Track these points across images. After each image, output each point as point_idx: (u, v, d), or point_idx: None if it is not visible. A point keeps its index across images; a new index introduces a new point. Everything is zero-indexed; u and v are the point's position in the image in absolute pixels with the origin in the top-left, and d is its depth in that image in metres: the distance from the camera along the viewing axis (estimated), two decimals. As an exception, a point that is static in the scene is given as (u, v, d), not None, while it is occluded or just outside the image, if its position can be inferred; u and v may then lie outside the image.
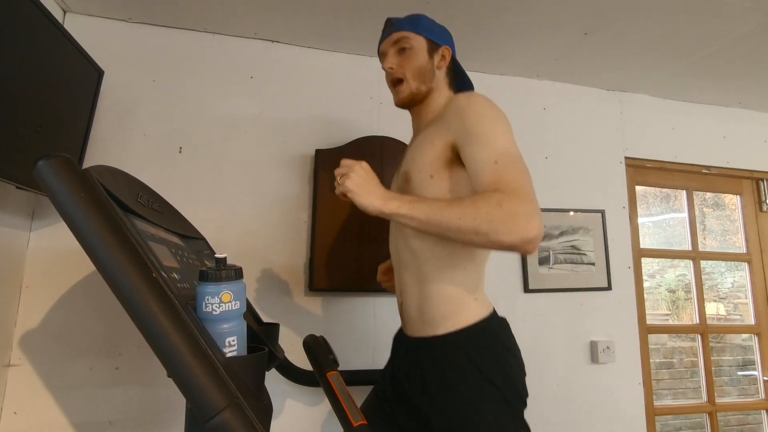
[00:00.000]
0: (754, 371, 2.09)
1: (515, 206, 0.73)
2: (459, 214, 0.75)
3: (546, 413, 1.64)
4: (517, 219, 0.72)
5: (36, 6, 1.05)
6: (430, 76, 1.01)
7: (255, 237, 1.50)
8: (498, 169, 0.79)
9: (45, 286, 1.32)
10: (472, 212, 0.74)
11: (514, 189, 0.75)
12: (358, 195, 0.82)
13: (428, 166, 0.91)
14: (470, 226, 0.74)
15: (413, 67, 0.99)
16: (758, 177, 2.15)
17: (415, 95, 1.00)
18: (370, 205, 0.81)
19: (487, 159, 0.80)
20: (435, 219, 0.78)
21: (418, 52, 1.00)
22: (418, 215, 0.79)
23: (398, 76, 1.00)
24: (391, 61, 1.01)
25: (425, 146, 0.93)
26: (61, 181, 0.56)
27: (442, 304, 0.91)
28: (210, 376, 0.53)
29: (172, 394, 1.33)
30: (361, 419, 0.83)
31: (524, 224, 0.72)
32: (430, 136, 0.94)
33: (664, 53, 1.68)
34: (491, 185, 0.77)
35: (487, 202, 0.74)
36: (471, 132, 0.84)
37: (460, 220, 0.75)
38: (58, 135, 1.20)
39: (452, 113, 0.90)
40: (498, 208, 0.73)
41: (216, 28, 1.56)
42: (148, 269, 0.57)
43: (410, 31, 1.01)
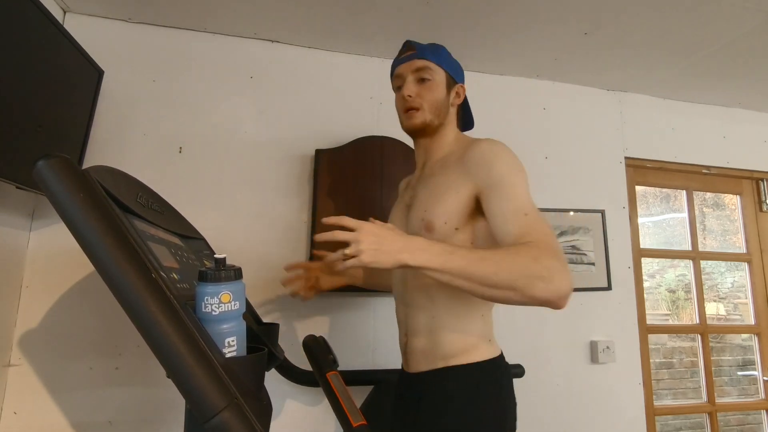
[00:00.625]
0: (754, 371, 2.09)
1: (551, 262, 0.72)
2: (495, 268, 0.72)
3: (546, 413, 1.64)
4: (554, 274, 0.71)
5: (36, 6, 1.05)
6: (445, 112, 1.00)
7: (255, 237, 1.50)
8: (529, 222, 0.78)
9: (45, 286, 1.32)
10: (510, 266, 0.72)
11: (548, 244, 0.74)
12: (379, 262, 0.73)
13: (454, 218, 0.89)
14: (507, 281, 0.72)
15: (432, 99, 0.98)
16: (758, 177, 2.15)
17: (427, 126, 0.99)
18: (395, 262, 0.73)
19: (515, 211, 0.80)
20: (469, 272, 0.73)
21: (438, 85, 0.99)
22: (452, 268, 0.73)
23: (416, 106, 0.98)
24: (411, 89, 0.98)
25: (448, 194, 0.90)
26: (60, 182, 0.56)
27: (457, 346, 0.91)
28: (209, 376, 0.53)
29: (171, 394, 1.33)
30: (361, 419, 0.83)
31: (559, 280, 0.71)
32: (452, 182, 0.91)
33: (664, 53, 1.68)
34: (521, 237, 0.76)
35: (524, 257, 0.72)
36: (499, 183, 0.83)
37: (497, 276, 0.72)
38: (58, 135, 1.20)
39: (475, 161, 0.88)
40: (535, 262, 0.71)
41: (216, 28, 1.56)
42: (147, 269, 0.57)
43: (433, 62, 0.99)
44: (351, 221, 0.75)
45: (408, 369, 0.99)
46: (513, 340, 1.65)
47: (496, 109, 1.82)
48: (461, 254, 0.75)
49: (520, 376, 1.53)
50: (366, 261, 0.72)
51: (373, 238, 0.73)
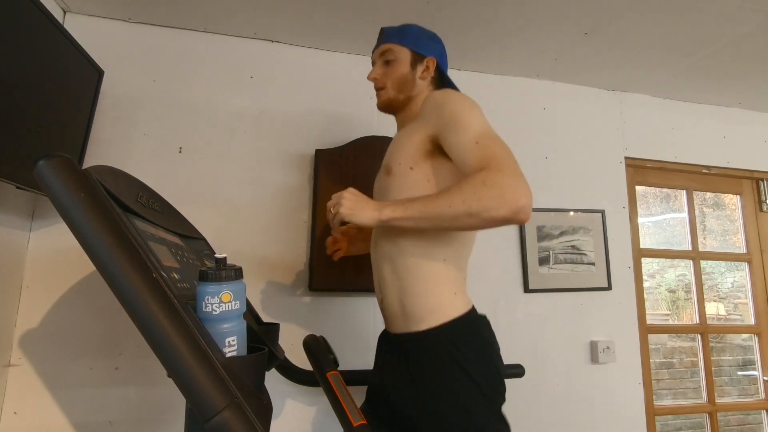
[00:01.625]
0: (754, 371, 2.09)
1: (499, 180, 0.77)
2: (449, 201, 0.80)
3: (546, 413, 1.64)
4: (504, 191, 0.76)
5: (36, 6, 1.05)
6: (411, 86, 1.06)
7: (255, 237, 1.50)
8: (479, 148, 0.84)
9: (45, 286, 1.32)
10: (460, 196, 0.78)
11: (497, 164, 0.79)
12: (354, 215, 0.87)
13: (408, 159, 0.96)
14: (462, 210, 0.78)
15: (394, 77, 1.06)
16: (758, 177, 2.15)
17: (392, 101, 1.07)
18: (367, 218, 0.87)
19: (468, 142, 0.86)
20: (428, 212, 0.82)
21: (401, 63, 1.06)
22: (413, 214, 0.84)
23: (380, 86, 1.08)
24: (376, 72, 1.08)
25: (404, 140, 0.99)
26: (61, 181, 0.56)
27: (422, 297, 0.93)
28: (210, 376, 0.53)
29: (172, 394, 1.33)
30: (361, 419, 0.83)
31: (510, 195, 0.76)
32: (409, 131, 0.99)
33: (664, 53, 1.68)
34: (476, 165, 0.82)
35: (473, 183, 0.78)
36: (450, 120, 0.89)
37: (451, 207, 0.79)
38: (58, 135, 1.20)
39: (429, 108, 0.95)
40: (483, 186, 0.77)
41: (216, 28, 1.56)
42: (147, 269, 0.57)
43: (396, 44, 1.07)
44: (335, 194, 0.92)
45: (389, 328, 1.02)
46: (513, 340, 1.65)
47: (496, 109, 1.82)
48: (420, 200, 0.85)
49: (520, 376, 1.53)
50: (344, 214, 0.88)
51: (351, 199, 0.89)
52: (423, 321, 0.91)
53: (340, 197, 0.90)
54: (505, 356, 0.97)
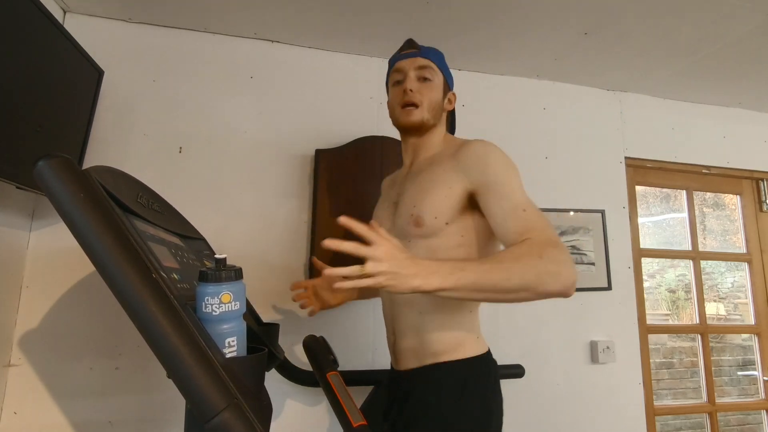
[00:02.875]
0: (754, 371, 2.09)
1: (556, 255, 0.74)
2: (507, 275, 0.73)
3: (546, 413, 1.64)
4: (561, 267, 0.73)
5: (36, 6, 1.05)
6: (440, 114, 1.02)
7: (255, 237, 1.49)
8: (527, 217, 0.81)
9: (45, 286, 1.32)
10: (520, 270, 0.73)
11: (549, 238, 0.77)
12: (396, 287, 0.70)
13: (445, 213, 0.89)
14: (519, 284, 0.73)
15: (432, 98, 1.00)
16: (758, 177, 2.15)
17: (424, 124, 1.00)
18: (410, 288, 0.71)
19: (514, 208, 0.82)
20: (483, 284, 0.73)
21: (438, 87, 1.01)
22: (465, 284, 0.73)
23: (416, 102, 0.98)
24: (414, 84, 0.99)
25: (438, 189, 0.91)
26: (61, 182, 0.56)
27: (445, 339, 0.92)
28: (209, 376, 0.53)
29: (171, 394, 1.33)
30: (361, 419, 0.83)
31: (567, 272, 0.74)
32: (442, 178, 0.91)
33: (664, 53, 1.68)
34: (522, 233, 0.79)
35: (530, 256, 0.74)
36: (495, 182, 0.85)
37: (509, 281, 0.73)
38: (58, 135, 1.20)
39: (469, 160, 0.89)
40: (541, 260, 0.73)
41: (216, 28, 1.56)
42: (147, 270, 0.57)
43: (436, 65, 1.01)
44: (368, 232, 0.71)
45: (397, 367, 1.01)
46: (513, 340, 1.65)
47: (496, 109, 1.83)
48: (471, 268, 0.74)
49: (520, 376, 1.53)
50: (383, 283, 0.70)
51: (392, 262, 0.70)
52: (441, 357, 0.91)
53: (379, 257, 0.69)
54: (505, 356, 0.98)
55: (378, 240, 0.71)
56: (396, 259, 0.70)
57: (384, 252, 0.70)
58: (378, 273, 0.69)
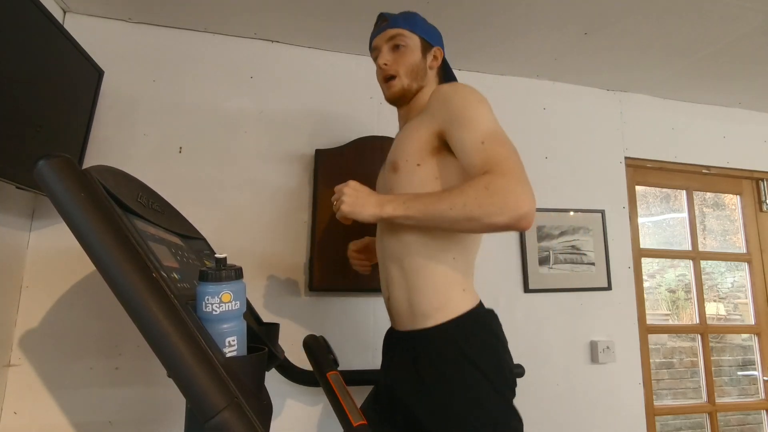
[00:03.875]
0: (754, 371, 2.09)
1: (503, 185, 0.75)
2: (450, 204, 0.78)
3: (546, 413, 1.64)
4: (507, 197, 0.74)
5: (36, 6, 1.05)
6: (422, 75, 1.03)
7: (255, 237, 1.50)
8: (485, 149, 0.81)
9: (45, 286, 1.32)
10: (462, 200, 0.77)
11: (502, 168, 0.77)
12: (355, 212, 0.86)
13: (415, 155, 0.94)
14: (463, 214, 0.77)
15: (407, 64, 1.01)
16: (758, 177, 2.15)
17: (406, 91, 1.02)
18: (368, 215, 0.86)
19: (474, 141, 0.83)
20: (429, 213, 0.81)
21: (412, 50, 1.02)
22: (414, 213, 0.83)
23: (391, 73, 1.01)
24: (386, 57, 1.02)
25: (411, 135, 0.96)
26: (61, 181, 0.56)
27: (431, 295, 0.92)
28: (210, 376, 0.53)
29: (172, 394, 1.33)
30: (361, 419, 0.83)
31: (513, 201, 0.74)
32: (416, 125, 0.96)
33: (664, 53, 1.68)
34: (481, 166, 0.80)
35: (475, 187, 0.77)
36: (457, 117, 0.87)
37: (452, 210, 0.78)
38: (58, 135, 1.20)
39: (437, 102, 0.92)
40: (486, 190, 0.75)
41: (216, 28, 1.56)
42: (147, 269, 0.57)
43: (406, 29, 1.02)
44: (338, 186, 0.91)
45: (395, 326, 1.02)
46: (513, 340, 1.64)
47: (496, 109, 1.80)
48: (422, 199, 0.83)
49: (520, 376, 1.52)
50: (344, 210, 0.87)
51: (352, 194, 0.87)
52: (431, 317, 0.91)
53: (341, 192, 0.88)
54: (505, 356, 0.97)
55: (344, 187, 0.89)
56: (357, 191, 0.88)
57: (348, 187, 0.89)
58: (341, 202, 0.87)
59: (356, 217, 0.87)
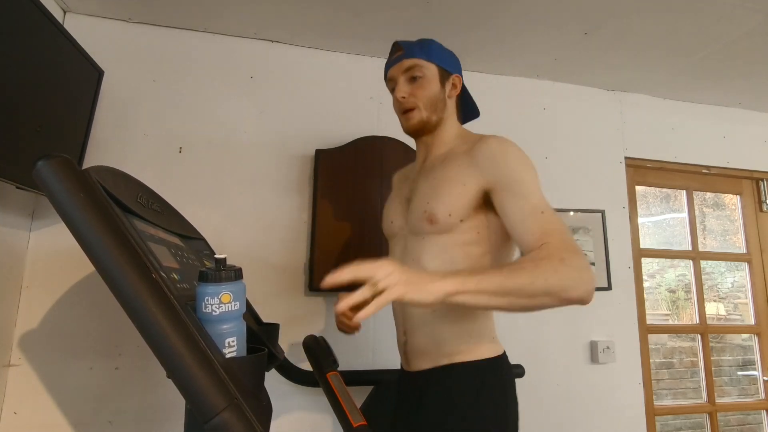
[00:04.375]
0: (754, 371, 2.09)
1: (577, 261, 0.73)
2: (530, 278, 0.71)
3: (546, 413, 1.64)
4: (582, 273, 0.73)
5: (36, 6, 1.05)
6: (442, 106, 0.99)
7: (255, 237, 1.49)
8: (546, 219, 0.79)
9: (45, 286, 1.32)
10: (543, 274, 0.72)
11: (568, 242, 0.76)
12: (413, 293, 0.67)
13: (459, 210, 0.88)
14: (542, 288, 0.71)
15: (425, 96, 0.97)
16: (758, 177, 2.15)
17: (426, 124, 0.98)
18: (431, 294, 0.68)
19: (532, 209, 0.81)
20: (507, 288, 0.72)
21: (430, 81, 0.97)
22: (487, 287, 0.71)
23: (411, 106, 0.97)
24: (403, 89, 0.98)
25: (452, 186, 0.89)
26: (60, 182, 0.56)
27: (460, 343, 0.90)
28: (209, 376, 0.53)
29: (171, 394, 1.33)
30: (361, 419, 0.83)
31: (588, 277, 0.73)
32: (457, 175, 0.89)
33: (664, 53, 1.68)
34: (541, 236, 0.77)
35: (551, 261, 0.72)
36: (513, 181, 0.83)
37: (532, 285, 0.71)
38: (58, 135, 1.20)
39: (486, 157, 0.87)
40: (562, 264, 0.72)
41: (216, 28, 1.56)
42: (147, 270, 0.57)
43: (422, 59, 0.97)
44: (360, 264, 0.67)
45: (408, 368, 0.99)
46: (513, 340, 1.64)
47: (496, 109, 1.82)
48: (492, 272, 0.74)
49: (520, 376, 1.52)
50: (402, 293, 0.66)
51: (403, 271, 0.68)
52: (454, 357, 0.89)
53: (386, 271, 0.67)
54: (505, 356, 0.97)
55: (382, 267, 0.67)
56: (405, 269, 0.69)
57: (389, 264, 0.68)
58: (394, 284, 0.66)
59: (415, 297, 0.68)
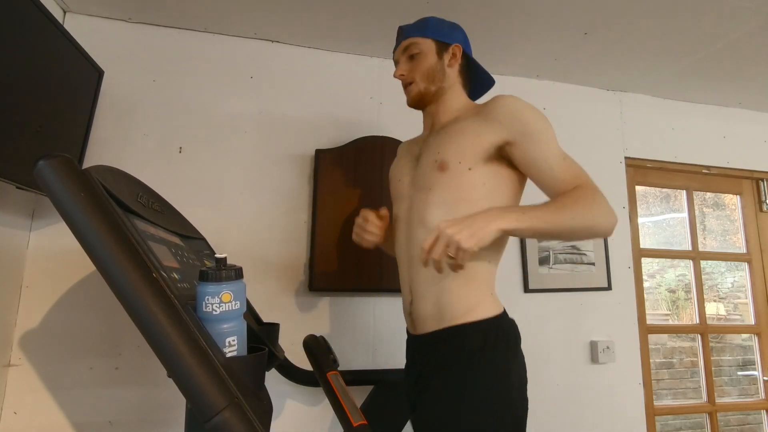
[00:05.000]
0: (754, 371, 2.09)
1: (601, 199, 0.85)
2: (571, 215, 0.82)
3: (546, 413, 1.64)
4: (608, 208, 0.85)
5: (36, 6, 1.05)
6: (441, 76, 1.02)
7: (255, 237, 1.49)
8: (570, 165, 0.91)
9: (45, 286, 1.32)
10: (581, 211, 0.83)
11: (593, 185, 0.87)
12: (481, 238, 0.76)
13: (470, 158, 0.92)
14: (582, 224, 0.83)
15: (422, 69, 1.01)
16: (758, 177, 2.15)
17: (424, 95, 1.03)
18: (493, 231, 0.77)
19: (556, 157, 0.90)
20: (554, 223, 0.82)
21: (426, 54, 1.02)
22: (537, 224, 0.82)
23: (408, 81, 1.04)
24: (402, 68, 1.04)
25: (465, 136, 0.93)
26: (61, 181, 0.56)
27: (462, 301, 0.91)
28: (210, 376, 0.53)
29: (172, 394, 1.33)
30: (361, 419, 0.83)
31: (612, 213, 0.85)
32: (474, 128, 0.93)
33: (664, 53, 1.68)
34: (572, 180, 0.88)
35: (586, 199, 0.84)
36: (536, 132, 0.90)
37: (574, 220, 0.82)
38: (58, 135, 1.20)
39: (503, 111, 0.91)
40: (594, 202, 0.84)
41: (216, 28, 1.56)
42: (148, 269, 0.57)
43: (418, 36, 1.03)
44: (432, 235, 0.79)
45: (413, 331, 1.00)
46: (513, 340, 1.65)
47: (496, 109, 1.82)
48: (542, 210, 0.83)
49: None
50: (472, 243, 0.75)
51: (458, 227, 0.76)
52: (458, 319, 0.91)
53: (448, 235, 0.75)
54: (505, 356, 0.97)
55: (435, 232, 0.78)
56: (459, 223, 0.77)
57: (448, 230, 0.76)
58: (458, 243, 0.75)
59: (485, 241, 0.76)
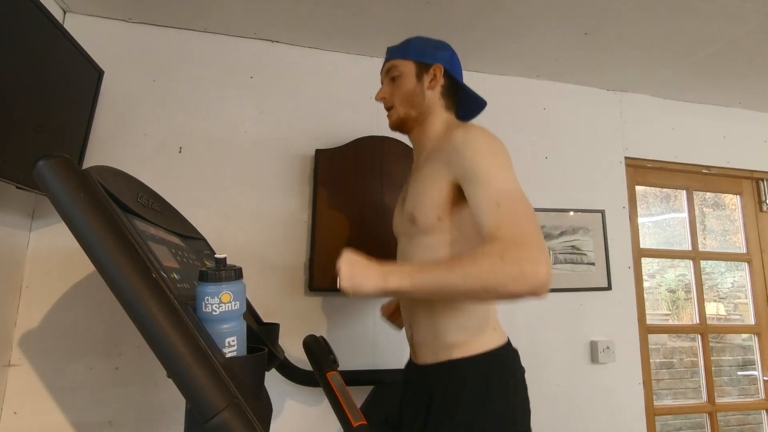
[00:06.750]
0: (754, 371, 2.09)
1: (519, 254, 0.70)
2: (462, 275, 0.72)
3: (546, 413, 1.64)
4: (524, 267, 0.69)
5: (36, 6, 1.05)
6: (420, 100, 0.99)
7: (255, 237, 1.49)
8: (500, 213, 0.76)
9: (45, 286, 1.32)
10: (476, 271, 0.71)
11: (515, 235, 0.72)
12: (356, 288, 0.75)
13: (434, 209, 0.89)
14: (477, 286, 0.71)
15: (400, 93, 1.00)
16: (758, 177, 2.15)
17: (404, 120, 1.01)
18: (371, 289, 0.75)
19: (489, 200, 0.78)
20: (440, 285, 0.74)
21: (406, 77, 1.00)
22: (422, 286, 0.75)
23: (388, 105, 1.03)
24: (384, 91, 1.03)
25: (429, 185, 0.90)
26: (60, 182, 0.56)
27: (459, 333, 0.90)
28: (210, 376, 0.53)
29: (172, 394, 1.33)
30: (361, 419, 0.83)
31: (531, 272, 0.69)
32: (432, 173, 0.91)
33: (664, 53, 1.68)
34: (494, 230, 0.75)
35: (489, 257, 0.71)
36: (470, 171, 0.82)
37: (465, 281, 0.72)
38: (58, 135, 1.20)
39: (450, 151, 0.87)
40: (501, 261, 0.70)
41: (216, 28, 1.56)
42: (147, 269, 0.57)
43: (399, 59, 1.01)
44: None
45: (416, 360, 0.99)
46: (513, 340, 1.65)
47: (496, 110, 1.81)
48: (429, 269, 0.76)
49: (520, 376, 1.53)
50: (345, 286, 0.75)
51: (347, 268, 0.76)
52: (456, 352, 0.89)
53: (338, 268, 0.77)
54: (505, 356, 0.97)
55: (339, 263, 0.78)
56: (353, 264, 0.77)
57: (344, 261, 0.77)
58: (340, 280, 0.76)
59: (358, 292, 0.75)
